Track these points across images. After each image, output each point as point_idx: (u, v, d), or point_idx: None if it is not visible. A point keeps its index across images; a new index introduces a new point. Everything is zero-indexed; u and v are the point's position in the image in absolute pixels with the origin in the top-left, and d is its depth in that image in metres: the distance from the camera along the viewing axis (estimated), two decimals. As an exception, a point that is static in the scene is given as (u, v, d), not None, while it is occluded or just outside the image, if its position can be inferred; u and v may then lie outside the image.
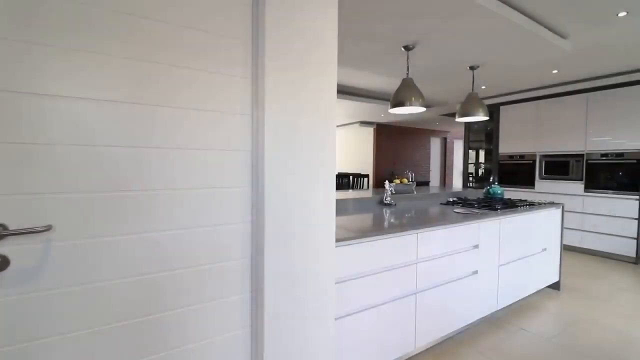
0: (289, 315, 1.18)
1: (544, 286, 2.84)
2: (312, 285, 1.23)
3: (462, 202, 2.82)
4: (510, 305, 2.58)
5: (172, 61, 1.02)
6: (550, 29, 2.65)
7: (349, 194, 2.95)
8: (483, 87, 4.64)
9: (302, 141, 1.19)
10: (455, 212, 2.35)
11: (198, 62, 1.06)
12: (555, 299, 2.77)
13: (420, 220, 1.95)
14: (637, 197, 3.84)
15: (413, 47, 2.78)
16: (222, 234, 1.13)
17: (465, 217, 2.09)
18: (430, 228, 1.85)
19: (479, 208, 2.53)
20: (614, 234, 4.03)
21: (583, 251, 4.33)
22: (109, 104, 0.93)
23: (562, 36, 2.77)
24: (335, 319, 1.46)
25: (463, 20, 2.34)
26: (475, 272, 2.16)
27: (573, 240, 4.40)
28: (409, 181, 3.20)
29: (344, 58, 3.22)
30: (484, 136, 5.98)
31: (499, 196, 3.15)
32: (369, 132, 8.66)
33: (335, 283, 1.44)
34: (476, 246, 2.16)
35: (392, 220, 1.98)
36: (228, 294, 1.14)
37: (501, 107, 5.27)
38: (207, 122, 1.09)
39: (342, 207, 2.44)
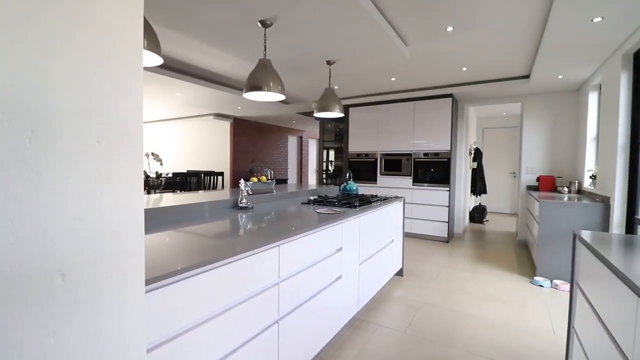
0: None
1: (392, 275, 3.03)
2: (93, 379, 0.65)
3: (323, 200, 2.68)
4: (368, 301, 2.59)
5: None
6: (397, 33, 2.81)
7: (197, 196, 2.34)
8: (336, 87, 4.80)
9: (63, 102, 0.59)
10: (317, 212, 2.13)
11: None
12: (400, 286, 2.98)
13: (282, 228, 1.59)
14: (448, 188, 4.76)
15: (270, 25, 2.42)
16: None
17: (329, 219, 1.88)
18: (294, 237, 1.52)
19: (339, 206, 2.41)
20: (433, 219, 4.89)
21: (412, 236, 5.09)
22: None
23: (405, 43, 3.00)
24: (156, 404, 0.91)
25: (320, 1, 2.13)
26: (340, 277, 1.99)
27: (405, 227, 5.13)
28: (268, 179, 2.85)
29: (190, 24, 2.55)
30: (335, 136, 6.35)
31: (355, 192, 3.20)
32: (225, 126, 7.95)
33: (150, 350, 0.88)
34: (340, 249, 1.99)
35: (247, 230, 1.54)
36: None
37: (350, 109, 5.65)
38: None
39: (182, 216, 1.83)
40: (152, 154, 4.65)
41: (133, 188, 0.72)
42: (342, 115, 3.46)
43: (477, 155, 6.44)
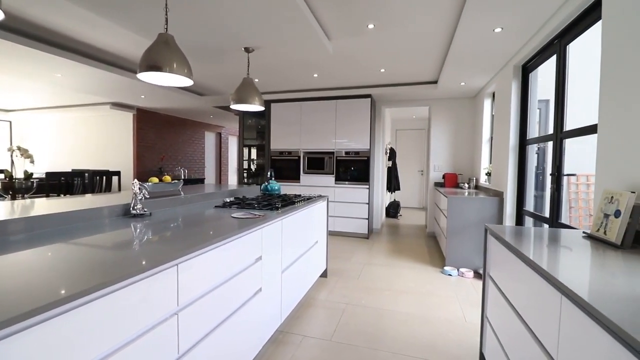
0: None
1: (317, 277, 2.92)
2: None
3: (241, 202, 2.39)
4: (292, 310, 2.41)
5: None
6: (320, 26, 2.68)
7: (76, 201, 1.83)
8: (256, 80, 4.50)
9: None
10: (233, 217, 1.85)
11: None
12: (325, 288, 2.89)
13: (184, 240, 1.28)
14: (368, 186, 4.90)
15: (173, -5, 2.03)
16: None
17: (246, 224, 1.63)
18: (200, 251, 1.24)
19: (259, 209, 2.17)
20: (354, 217, 4.98)
21: (335, 234, 5.11)
22: None
23: (328, 37, 2.90)
24: None
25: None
26: (260, 290, 1.75)
27: (328, 225, 5.12)
28: (180, 179, 2.43)
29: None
30: (256, 133, 6.02)
31: (277, 192, 2.99)
32: (127, 118, 6.87)
33: None
34: (259, 258, 1.75)
35: (134, 246, 1.20)
36: None
37: (272, 104, 5.40)
38: None
39: (45, 229, 1.36)
40: (19, 148, 3.67)
41: None
42: (262, 108, 3.21)
43: (392, 154, 6.86)
